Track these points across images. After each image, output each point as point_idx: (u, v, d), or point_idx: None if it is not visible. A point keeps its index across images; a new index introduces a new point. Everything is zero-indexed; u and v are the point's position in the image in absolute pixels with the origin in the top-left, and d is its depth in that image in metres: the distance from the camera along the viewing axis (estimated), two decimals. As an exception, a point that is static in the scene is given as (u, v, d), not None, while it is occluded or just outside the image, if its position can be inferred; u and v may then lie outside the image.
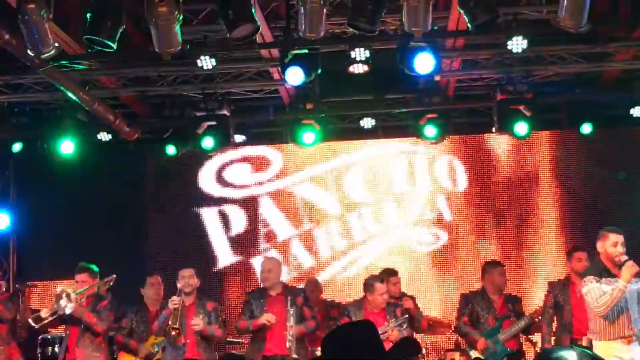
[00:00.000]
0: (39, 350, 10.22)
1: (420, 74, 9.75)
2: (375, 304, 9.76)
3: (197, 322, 9.56)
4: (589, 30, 8.86)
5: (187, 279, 9.78)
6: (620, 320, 8.46)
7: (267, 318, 9.62)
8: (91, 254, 11.55)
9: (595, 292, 8.51)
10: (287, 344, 9.60)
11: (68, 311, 9.37)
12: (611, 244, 8.55)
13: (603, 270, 8.56)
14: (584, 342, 9.58)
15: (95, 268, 9.72)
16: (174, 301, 9.57)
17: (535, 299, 12.06)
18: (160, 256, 13.26)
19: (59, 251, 12.21)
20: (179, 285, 9.76)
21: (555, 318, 10.08)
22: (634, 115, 12.04)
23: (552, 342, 9.95)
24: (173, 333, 9.51)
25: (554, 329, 10.09)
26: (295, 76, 9.58)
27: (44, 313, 9.52)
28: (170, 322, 9.52)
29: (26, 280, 10.47)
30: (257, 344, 9.79)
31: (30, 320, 9.51)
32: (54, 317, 9.49)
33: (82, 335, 9.57)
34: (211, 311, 9.79)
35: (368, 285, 9.92)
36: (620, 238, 8.60)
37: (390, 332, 9.36)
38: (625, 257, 8.45)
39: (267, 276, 9.87)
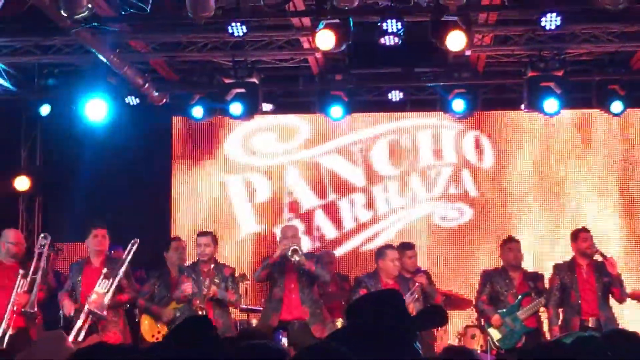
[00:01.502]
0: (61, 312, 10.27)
1: (451, 50, 9.73)
2: (387, 272, 9.78)
3: (212, 290, 9.61)
4: (624, 9, 8.81)
5: (204, 247, 9.82)
6: None
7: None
8: (116, 217, 11.66)
9: None
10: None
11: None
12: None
13: None
14: (591, 323, 9.64)
15: None
16: (186, 290, 9.59)
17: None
18: (183, 221, 13.31)
19: (84, 213, 12.24)
20: (198, 251, 9.83)
21: (562, 300, 10.07)
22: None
23: (559, 324, 9.94)
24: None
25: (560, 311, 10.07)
26: (326, 41, 9.55)
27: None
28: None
29: (52, 242, 10.52)
30: (273, 308, 9.84)
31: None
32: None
33: None
34: (228, 277, 9.83)
35: (380, 252, 10.00)
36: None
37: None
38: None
39: (294, 241, 9.87)
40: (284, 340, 9.57)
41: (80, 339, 9.24)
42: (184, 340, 4.14)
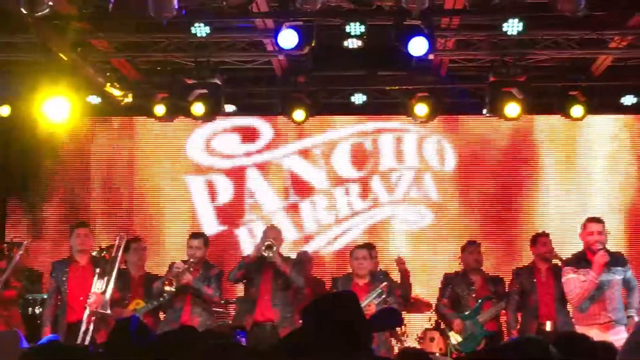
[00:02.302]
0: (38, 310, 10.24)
1: (414, 55, 9.76)
2: (356, 272, 9.77)
3: (186, 276, 9.58)
4: (585, 15, 8.89)
5: (195, 249, 9.76)
6: (593, 309, 8.70)
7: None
8: (78, 217, 11.61)
9: (571, 284, 8.77)
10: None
11: None
12: (588, 233, 8.80)
13: (582, 260, 8.82)
14: (548, 327, 9.70)
15: None
16: (178, 267, 9.56)
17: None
18: (144, 222, 13.25)
19: (51, 212, 12.21)
20: (188, 253, 9.78)
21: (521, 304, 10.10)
22: (625, 104, 12.08)
23: (517, 328, 9.98)
24: (166, 288, 9.51)
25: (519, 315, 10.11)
26: (288, 40, 9.55)
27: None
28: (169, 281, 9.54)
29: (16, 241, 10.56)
30: (247, 308, 9.81)
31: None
32: None
33: None
34: (212, 276, 9.76)
35: (351, 252, 10.01)
36: (597, 227, 8.81)
37: (367, 307, 9.25)
38: (599, 246, 8.66)
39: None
40: (242, 341, 9.53)
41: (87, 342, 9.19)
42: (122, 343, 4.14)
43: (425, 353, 5.10)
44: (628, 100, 12.01)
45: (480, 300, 10.30)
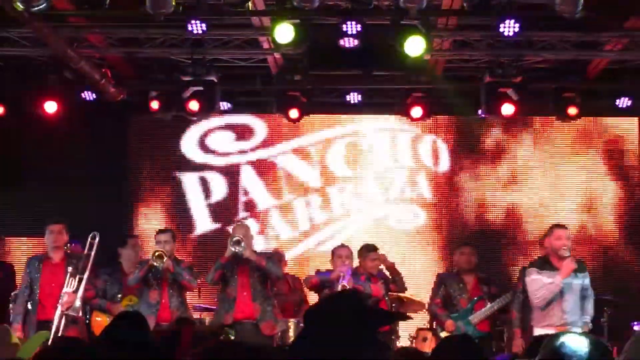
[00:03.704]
0: (10, 306, 10.17)
1: (410, 55, 9.76)
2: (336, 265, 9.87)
3: (167, 261, 9.61)
4: (581, 17, 8.91)
5: (163, 244, 9.83)
6: (552, 310, 8.98)
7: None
8: (71, 214, 11.56)
9: (535, 284, 8.94)
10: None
11: None
12: (555, 238, 9.02)
13: (545, 263, 9.03)
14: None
15: None
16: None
17: (513, 281, 12.10)
18: (138, 218, 13.22)
19: (40, 209, 12.18)
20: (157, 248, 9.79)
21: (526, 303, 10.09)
22: (620, 106, 12.08)
23: (520, 327, 9.97)
24: (157, 254, 9.59)
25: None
26: (284, 35, 9.53)
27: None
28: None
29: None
30: (227, 306, 9.82)
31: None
32: None
33: None
34: (184, 268, 9.91)
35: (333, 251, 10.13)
36: (564, 233, 9.08)
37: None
38: (567, 253, 8.90)
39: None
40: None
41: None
42: (117, 339, 4.12)
43: (420, 352, 5.10)
44: (623, 102, 12.01)
45: (472, 301, 10.31)
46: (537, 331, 8.99)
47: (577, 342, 3.35)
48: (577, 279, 9.11)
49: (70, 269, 9.56)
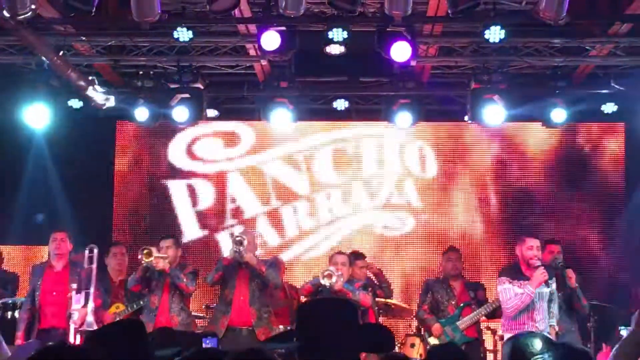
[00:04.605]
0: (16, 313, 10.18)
1: (396, 61, 9.79)
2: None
3: (163, 263, 9.64)
4: (566, 23, 8.96)
5: (165, 249, 9.86)
6: (522, 318, 9.16)
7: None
8: (56, 222, 11.57)
9: (507, 293, 9.04)
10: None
11: None
12: (527, 248, 9.15)
13: (518, 272, 9.11)
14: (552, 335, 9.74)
15: None
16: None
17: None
18: (125, 227, 13.21)
19: (22, 218, 12.16)
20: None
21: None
22: (605, 112, 12.12)
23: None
24: (145, 251, 9.64)
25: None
26: (270, 42, 9.55)
27: None
28: None
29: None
30: (223, 309, 9.81)
31: None
32: None
33: None
34: (187, 273, 9.92)
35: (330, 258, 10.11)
36: (535, 242, 9.34)
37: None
38: (538, 263, 8.97)
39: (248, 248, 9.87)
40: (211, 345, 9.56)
41: None
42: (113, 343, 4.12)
43: (408, 358, 5.11)
44: (609, 107, 12.04)
45: (459, 307, 10.34)
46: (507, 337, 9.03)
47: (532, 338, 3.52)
48: (546, 287, 9.20)
49: (74, 285, 9.54)
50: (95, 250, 9.75)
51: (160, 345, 5.07)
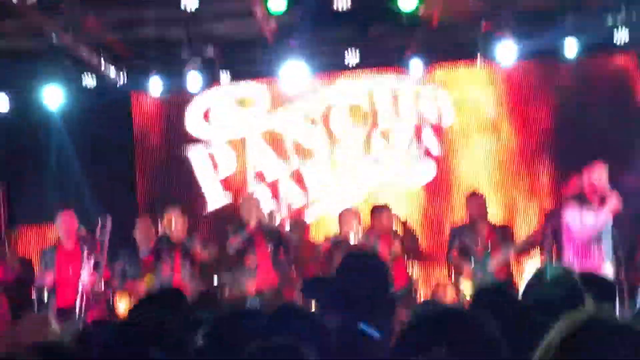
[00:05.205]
0: (34, 296, 10.30)
1: (404, 10, 9.78)
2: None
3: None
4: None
5: (174, 222, 9.99)
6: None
7: None
8: (81, 199, 11.67)
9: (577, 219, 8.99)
10: None
11: None
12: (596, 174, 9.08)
13: (584, 200, 9.08)
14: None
15: None
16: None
17: (523, 230, 12.14)
18: (149, 199, 13.27)
19: (49, 197, 12.24)
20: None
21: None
22: (617, 43, 11.95)
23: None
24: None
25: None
26: (277, 4, 9.59)
27: None
28: None
29: (18, 225, 10.66)
30: (248, 275, 9.95)
31: None
32: None
33: None
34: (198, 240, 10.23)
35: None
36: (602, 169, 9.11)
37: None
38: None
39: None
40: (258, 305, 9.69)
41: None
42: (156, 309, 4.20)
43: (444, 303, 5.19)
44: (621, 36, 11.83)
45: (488, 249, 10.39)
46: None
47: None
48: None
49: (85, 253, 9.66)
50: (109, 222, 9.86)
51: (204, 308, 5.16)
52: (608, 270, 9.10)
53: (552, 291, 3.87)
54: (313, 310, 6.17)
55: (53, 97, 11.49)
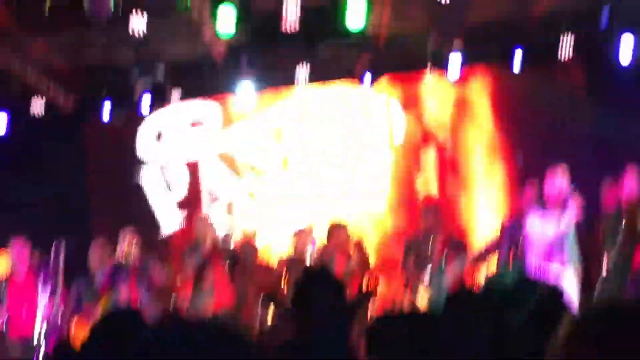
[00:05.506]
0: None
1: (352, 30, 9.87)
2: None
3: None
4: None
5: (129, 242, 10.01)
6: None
7: None
8: (35, 226, 11.55)
9: (539, 227, 9.03)
10: None
11: None
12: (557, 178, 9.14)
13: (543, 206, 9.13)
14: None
15: None
16: None
17: (479, 241, 12.19)
18: (103, 223, 13.16)
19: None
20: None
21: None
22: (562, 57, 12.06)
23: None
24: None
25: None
26: (226, 20, 9.63)
27: None
28: None
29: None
30: (205, 296, 9.98)
31: None
32: None
33: None
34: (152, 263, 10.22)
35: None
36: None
37: None
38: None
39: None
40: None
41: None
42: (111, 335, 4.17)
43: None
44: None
45: (443, 260, 10.43)
46: None
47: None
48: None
49: (40, 280, 9.58)
50: (63, 247, 9.79)
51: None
52: (570, 275, 9.16)
53: (503, 283, 3.91)
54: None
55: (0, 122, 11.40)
